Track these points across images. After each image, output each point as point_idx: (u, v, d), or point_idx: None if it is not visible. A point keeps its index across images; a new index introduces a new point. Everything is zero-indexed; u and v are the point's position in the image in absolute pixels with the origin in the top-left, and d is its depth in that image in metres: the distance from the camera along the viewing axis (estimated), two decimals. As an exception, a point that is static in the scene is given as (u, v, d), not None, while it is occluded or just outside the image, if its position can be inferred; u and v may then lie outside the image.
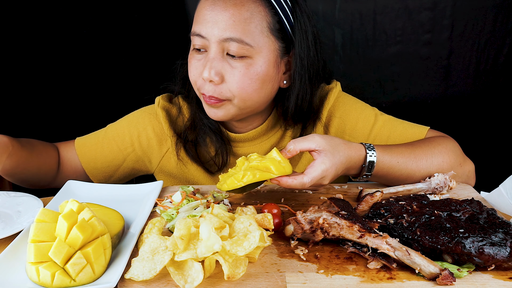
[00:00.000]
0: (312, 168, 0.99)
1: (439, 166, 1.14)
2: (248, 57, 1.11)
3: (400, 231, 0.88)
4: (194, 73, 1.17)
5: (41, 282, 0.77)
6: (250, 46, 1.10)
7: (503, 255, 0.79)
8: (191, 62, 1.18)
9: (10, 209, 1.06)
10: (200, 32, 1.12)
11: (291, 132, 1.32)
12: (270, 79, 1.16)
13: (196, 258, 0.77)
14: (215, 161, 1.30)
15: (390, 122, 1.28)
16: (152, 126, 1.33)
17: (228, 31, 1.09)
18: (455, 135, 1.27)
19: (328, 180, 1.02)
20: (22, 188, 1.25)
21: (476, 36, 2.15)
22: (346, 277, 0.80)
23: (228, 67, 1.12)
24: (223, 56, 1.12)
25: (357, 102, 1.33)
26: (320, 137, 1.02)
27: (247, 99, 1.15)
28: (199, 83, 1.16)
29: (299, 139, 1.02)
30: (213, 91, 1.13)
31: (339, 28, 2.20)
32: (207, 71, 1.11)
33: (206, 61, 1.12)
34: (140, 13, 2.20)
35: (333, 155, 1.00)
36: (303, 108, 1.23)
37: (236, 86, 1.12)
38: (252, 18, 1.10)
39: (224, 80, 1.12)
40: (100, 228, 0.82)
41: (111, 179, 1.36)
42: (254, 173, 0.95)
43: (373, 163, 1.08)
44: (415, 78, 2.26)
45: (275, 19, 1.13)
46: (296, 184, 0.97)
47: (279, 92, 1.23)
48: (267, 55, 1.14)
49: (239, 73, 1.11)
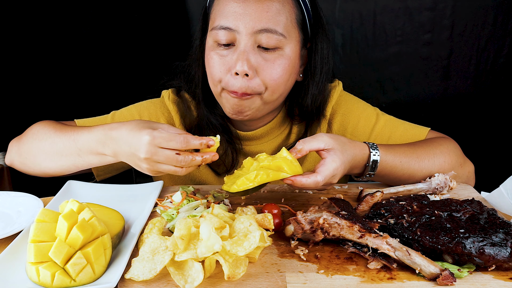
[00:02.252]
0: (324, 166, 0.97)
1: (441, 166, 1.15)
2: (280, 48, 1.11)
3: (400, 231, 0.88)
4: (219, 69, 1.12)
5: (41, 282, 0.77)
6: (283, 36, 1.10)
7: (503, 255, 0.78)
8: (213, 58, 1.13)
9: (10, 209, 1.06)
10: (229, 25, 1.09)
11: (297, 129, 1.33)
12: (295, 70, 1.18)
13: (196, 258, 0.76)
14: (224, 161, 1.29)
15: (392, 122, 1.29)
16: (165, 118, 1.31)
17: (263, 22, 1.08)
18: (455, 135, 1.27)
19: (338, 178, 1.01)
20: (22, 188, 1.25)
21: (476, 36, 2.15)
22: (346, 277, 0.80)
23: (261, 59, 1.10)
24: (255, 49, 1.10)
25: (359, 101, 1.34)
26: (328, 136, 1.01)
27: (276, 91, 1.14)
28: (226, 80, 1.12)
29: (308, 139, 1.01)
30: (246, 87, 1.09)
31: (339, 28, 2.21)
32: (240, 65, 1.07)
33: (236, 54, 1.09)
34: (140, 13, 2.20)
35: (342, 154, 1.00)
36: (317, 103, 1.25)
37: (270, 78, 1.11)
38: (284, 9, 1.11)
39: (257, 73, 1.10)
40: (100, 228, 0.82)
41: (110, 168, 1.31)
42: (267, 173, 0.94)
43: (377, 163, 1.08)
44: (415, 78, 2.26)
45: (300, 10, 1.15)
46: (310, 183, 0.95)
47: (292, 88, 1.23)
48: (295, 46, 1.15)
49: (273, 65, 1.11)
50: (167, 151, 0.92)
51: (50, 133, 1.14)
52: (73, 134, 1.08)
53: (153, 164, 0.94)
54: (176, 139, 0.92)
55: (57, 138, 1.11)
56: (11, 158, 1.26)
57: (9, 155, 1.27)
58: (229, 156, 1.28)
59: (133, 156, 0.95)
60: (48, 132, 1.15)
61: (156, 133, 0.92)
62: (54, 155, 1.13)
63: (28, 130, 1.22)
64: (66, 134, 1.10)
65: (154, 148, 0.92)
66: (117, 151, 0.99)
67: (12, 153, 1.25)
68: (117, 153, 1.00)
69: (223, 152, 1.28)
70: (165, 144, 0.92)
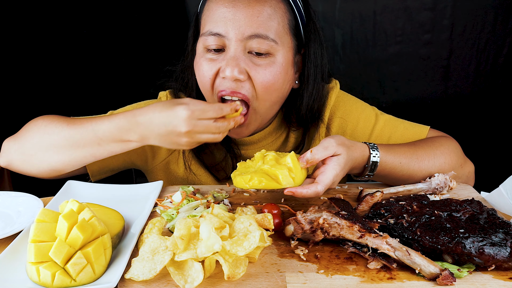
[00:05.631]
0: (324, 175, 0.98)
1: (441, 167, 1.15)
2: (271, 54, 1.09)
3: (400, 231, 0.88)
4: (208, 75, 1.11)
5: (42, 282, 0.77)
6: (274, 42, 1.09)
7: (503, 255, 0.78)
8: (202, 65, 1.12)
9: (10, 209, 1.06)
10: (219, 31, 1.08)
11: (295, 134, 1.31)
12: (288, 78, 1.16)
13: (196, 258, 0.77)
14: (224, 167, 1.28)
15: (391, 121, 1.28)
16: None
17: (254, 27, 1.06)
18: (455, 135, 1.27)
19: (337, 183, 1.03)
20: (22, 188, 1.25)
21: (476, 36, 2.15)
22: (346, 277, 0.80)
23: (251, 64, 1.08)
24: (245, 54, 1.09)
25: (357, 101, 1.33)
26: (335, 142, 1.01)
27: (266, 99, 1.12)
28: (217, 83, 1.11)
29: (318, 149, 1.00)
30: (236, 87, 1.09)
31: (339, 28, 2.20)
32: (230, 70, 1.06)
33: (226, 60, 1.08)
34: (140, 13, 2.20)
35: (344, 159, 1.00)
36: (313, 108, 1.23)
37: (261, 84, 1.09)
38: (275, 14, 1.09)
39: (249, 77, 1.09)
40: (101, 228, 0.82)
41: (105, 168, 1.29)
42: (260, 180, 0.95)
43: (376, 164, 1.08)
44: (415, 78, 2.26)
45: (292, 16, 1.14)
46: (310, 194, 0.97)
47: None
48: (287, 52, 1.13)
49: (263, 71, 1.09)
50: (206, 121, 0.98)
51: (62, 126, 1.10)
52: (91, 124, 1.06)
53: (193, 136, 0.99)
54: (211, 109, 0.99)
55: (72, 130, 1.08)
56: (9, 158, 1.17)
57: (5, 154, 1.18)
58: (228, 162, 1.28)
59: (169, 134, 0.99)
60: (58, 126, 1.10)
61: (192, 107, 0.97)
62: (68, 148, 1.08)
63: (28, 126, 1.16)
64: (82, 126, 1.07)
65: (194, 120, 0.97)
66: (146, 134, 1.02)
67: (10, 152, 1.17)
68: (146, 137, 1.02)
69: (222, 158, 1.28)
70: (203, 115, 0.97)
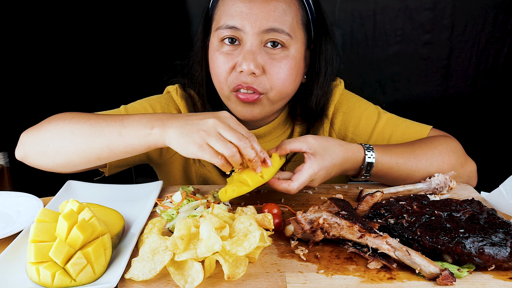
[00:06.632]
0: (300, 174, 1.01)
1: (439, 166, 1.15)
2: (286, 48, 1.12)
3: (400, 231, 0.88)
4: (224, 68, 1.12)
5: (42, 282, 0.77)
6: (289, 36, 1.11)
7: (503, 255, 0.78)
8: (218, 58, 1.13)
9: (10, 209, 1.06)
10: (235, 25, 1.09)
11: (300, 129, 1.33)
12: (300, 71, 1.18)
13: (196, 258, 0.76)
14: None
15: (393, 120, 1.29)
16: (177, 112, 1.29)
17: (270, 21, 1.08)
18: (455, 135, 1.27)
19: (318, 182, 1.04)
20: (22, 188, 1.25)
21: (476, 36, 2.15)
22: (346, 277, 0.80)
23: (267, 58, 1.10)
24: (261, 48, 1.10)
25: (360, 99, 1.35)
26: (313, 139, 1.03)
27: (283, 91, 1.14)
28: (232, 77, 1.11)
29: (292, 140, 1.03)
30: (252, 82, 1.09)
31: (339, 28, 2.21)
32: (246, 64, 1.07)
33: (242, 53, 1.09)
34: (140, 13, 2.20)
35: (322, 158, 1.02)
36: (321, 104, 1.25)
37: (277, 77, 1.11)
38: (290, 9, 1.11)
39: (264, 71, 1.10)
40: (101, 228, 0.82)
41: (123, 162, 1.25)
42: (232, 190, 0.97)
43: (372, 165, 1.09)
44: (415, 78, 2.26)
45: (304, 11, 1.16)
46: (281, 189, 1.00)
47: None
48: (300, 46, 1.15)
49: (279, 64, 1.11)
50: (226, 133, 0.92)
51: (87, 115, 1.07)
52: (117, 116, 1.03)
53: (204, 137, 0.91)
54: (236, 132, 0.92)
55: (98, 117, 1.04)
56: (26, 150, 1.10)
57: (22, 146, 1.11)
58: None
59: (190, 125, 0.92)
60: (83, 114, 1.07)
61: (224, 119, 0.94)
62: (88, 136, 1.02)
63: (50, 118, 1.12)
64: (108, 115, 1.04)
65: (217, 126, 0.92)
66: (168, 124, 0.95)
67: (27, 143, 1.10)
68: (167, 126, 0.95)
69: None
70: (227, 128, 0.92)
